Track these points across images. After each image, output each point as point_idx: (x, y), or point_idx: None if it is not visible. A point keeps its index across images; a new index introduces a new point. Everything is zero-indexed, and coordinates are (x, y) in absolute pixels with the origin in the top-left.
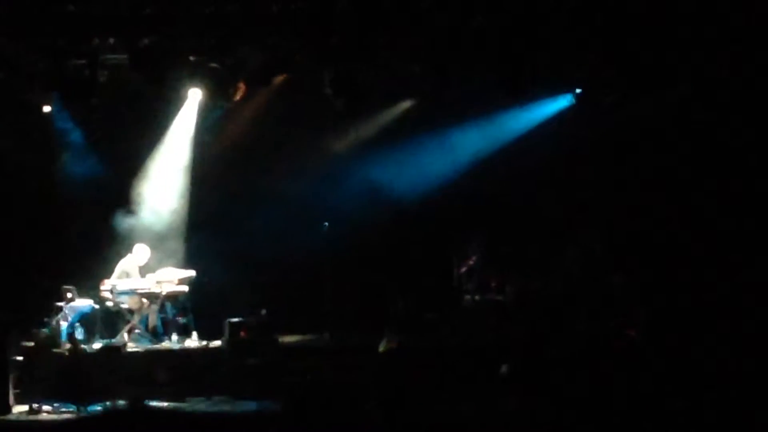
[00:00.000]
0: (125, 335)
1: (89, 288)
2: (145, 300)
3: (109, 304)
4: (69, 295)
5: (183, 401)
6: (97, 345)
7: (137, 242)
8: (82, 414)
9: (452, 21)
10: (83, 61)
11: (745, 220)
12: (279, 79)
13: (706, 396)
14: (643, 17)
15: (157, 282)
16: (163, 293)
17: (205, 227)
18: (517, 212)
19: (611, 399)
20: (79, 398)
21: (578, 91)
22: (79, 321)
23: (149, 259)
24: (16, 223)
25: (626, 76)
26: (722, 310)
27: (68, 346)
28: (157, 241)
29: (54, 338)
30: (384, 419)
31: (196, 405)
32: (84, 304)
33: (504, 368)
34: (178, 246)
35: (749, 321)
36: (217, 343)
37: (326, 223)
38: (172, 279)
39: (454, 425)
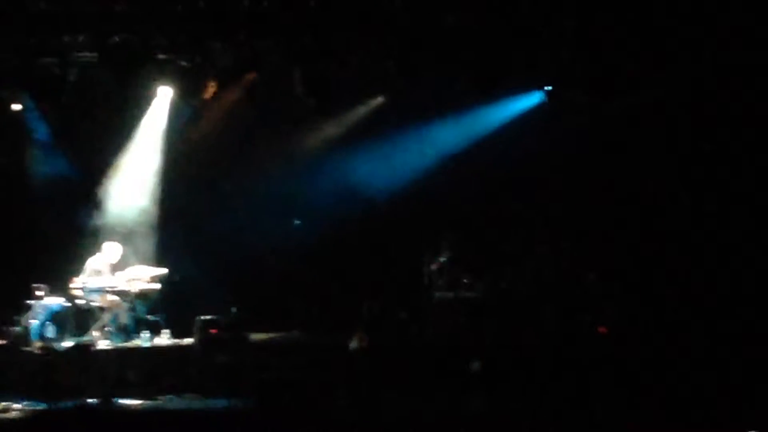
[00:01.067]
0: (96, 333)
1: (60, 286)
2: (115, 298)
3: (80, 302)
4: (39, 293)
5: (154, 399)
6: (67, 343)
7: (107, 240)
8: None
9: (423, 19)
10: (53, 59)
11: (718, 216)
12: (249, 77)
13: (677, 391)
14: (615, 15)
15: (128, 280)
16: (134, 291)
17: (175, 225)
18: (489, 209)
19: (582, 395)
20: (50, 396)
21: (548, 88)
22: (49, 319)
23: (121, 257)
24: None
25: (597, 75)
26: (695, 305)
27: (39, 344)
28: (127, 238)
29: (24, 336)
30: (354, 417)
31: (167, 403)
32: (54, 302)
33: (475, 365)
34: (148, 243)
35: (722, 316)
36: (188, 340)
37: (297, 221)
38: (143, 277)
39: (424, 422)
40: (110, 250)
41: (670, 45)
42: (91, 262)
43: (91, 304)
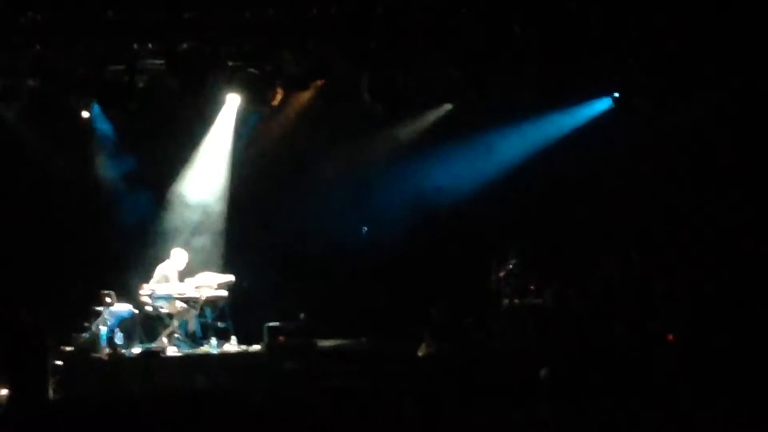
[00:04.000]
0: (164, 340)
1: (128, 293)
2: (184, 305)
3: (149, 308)
4: (108, 299)
5: None
6: (136, 350)
7: (175, 247)
8: None
9: (490, 26)
10: (121, 67)
11: None
12: (317, 84)
13: (749, 400)
14: (681, 22)
15: (196, 287)
16: (202, 298)
17: (243, 232)
18: (556, 216)
19: (651, 404)
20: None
21: (616, 95)
22: (118, 326)
23: (189, 263)
24: (55, 228)
25: (664, 81)
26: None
27: (107, 350)
28: (195, 245)
29: (93, 343)
30: (421, 424)
31: None
32: (123, 308)
33: (543, 372)
34: (216, 250)
35: None
36: (256, 347)
37: (365, 228)
38: (211, 284)
39: (491, 430)
40: (178, 257)
41: (736, 52)
42: (160, 269)
43: (160, 311)
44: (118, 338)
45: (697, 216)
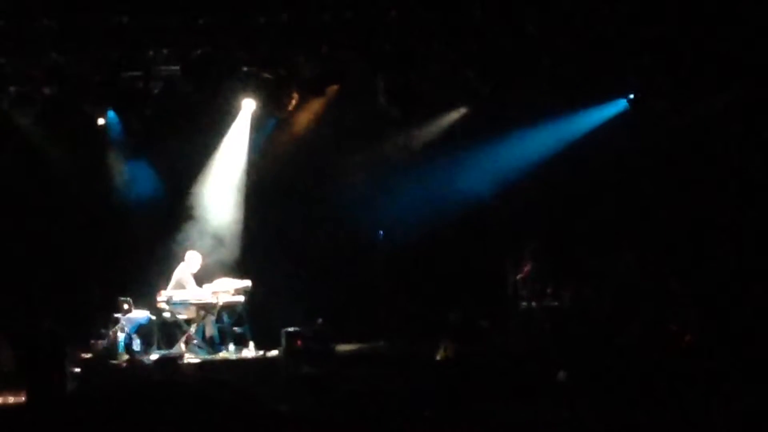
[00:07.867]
0: (182, 346)
1: (146, 299)
2: (201, 310)
3: (166, 314)
4: (126, 306)
5: None
6: (154, 356)
7: (190, 250)
8: None
9: (505, 28)
10: (137, 73)
11: None
12: (332, 88)
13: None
14: (696, 23)
15: (214, 292)
16: (220, 303)
17: (260, 236)
18: (572, 218)
19: (667, 404)
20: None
21: (632, 96)
22: (136, 332)
23: (205, 269)
24: (72, 235)
25: (679, 82)
26: None
27: (125, 357)
28: (212, 250)
29: (111, 350)
30: (439, 427)
31: None
32: (141, 315)
33: (561, 375)
34: (233, 256)
35: None
36: (274, 352)
37: (381, 232)
38: (229, 289)
39: None
40: (192, 259)
41: (754, 51)
42: (177, 273)
43: (177, 317)
44: (136, 345)
45: (715, 216)
